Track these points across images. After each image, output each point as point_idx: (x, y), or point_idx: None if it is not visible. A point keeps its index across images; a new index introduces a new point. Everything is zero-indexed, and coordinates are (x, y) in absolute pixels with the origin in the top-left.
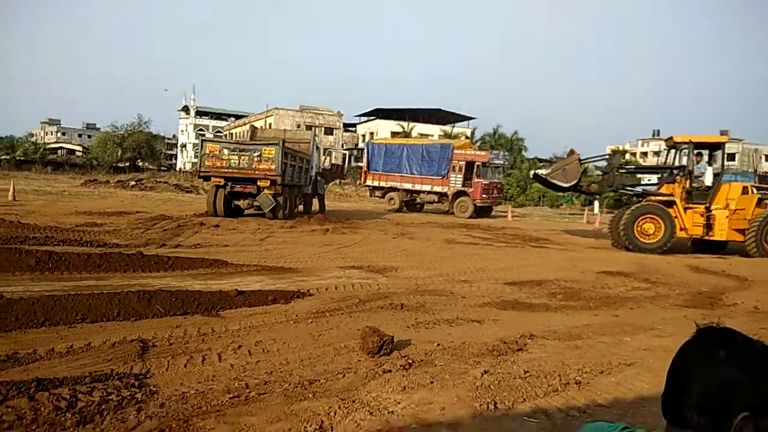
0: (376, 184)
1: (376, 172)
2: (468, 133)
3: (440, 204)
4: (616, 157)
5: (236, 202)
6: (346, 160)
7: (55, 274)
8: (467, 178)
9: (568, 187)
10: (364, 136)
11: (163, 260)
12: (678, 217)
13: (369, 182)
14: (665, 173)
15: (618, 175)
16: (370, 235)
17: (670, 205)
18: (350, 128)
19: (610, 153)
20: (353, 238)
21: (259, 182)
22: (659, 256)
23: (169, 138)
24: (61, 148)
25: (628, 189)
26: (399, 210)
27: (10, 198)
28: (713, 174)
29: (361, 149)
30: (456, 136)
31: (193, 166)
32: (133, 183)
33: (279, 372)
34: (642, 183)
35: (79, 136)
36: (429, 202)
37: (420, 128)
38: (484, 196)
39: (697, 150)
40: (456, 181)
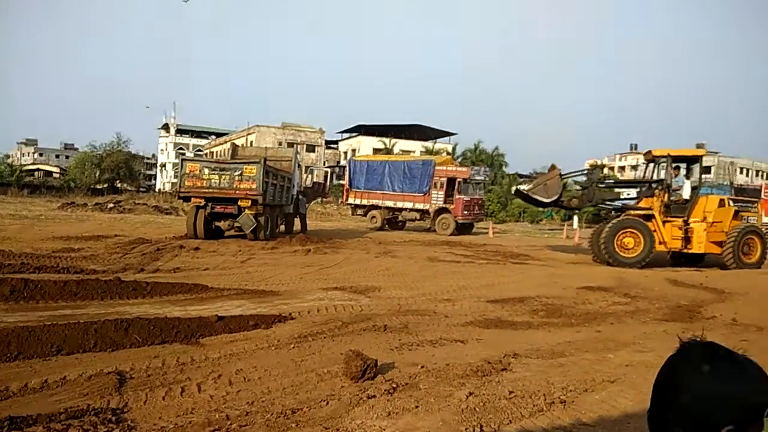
0: (358, 202)
1: (358, 189)
2: (449, 148)
3: (422, 221)
4: (596, 171)
5: (217, 224)
6: (328, 178)
7: (31, 304)
8: (449, 195)
9: (550, 203)
10: (346, 153)
11: (142, 286)
12: (657, 230)
13: (351, 200)
14: (644, 187)
15: (598, 190)
16: (352, 254)
17: (649, 218)
18: (332, 145)
19: (589, 167)
20: (335, 259)
21: (240, 202)
22: (638, 270)
23: (149, 157)
24: (38, 170)
25: (607, 203)
26: (381, 228)
27: None
28: (691, 187)
29: (343, 166)
30: (437, 152)
31: (173, 187)
32: (111, 205)
33: (260, 402)
34: (621, 197)
35: (57, 156)
36: (411, 220)
37: (402, 144)
38: (466, 212)
39: (675, 163)
40: (437, 198)
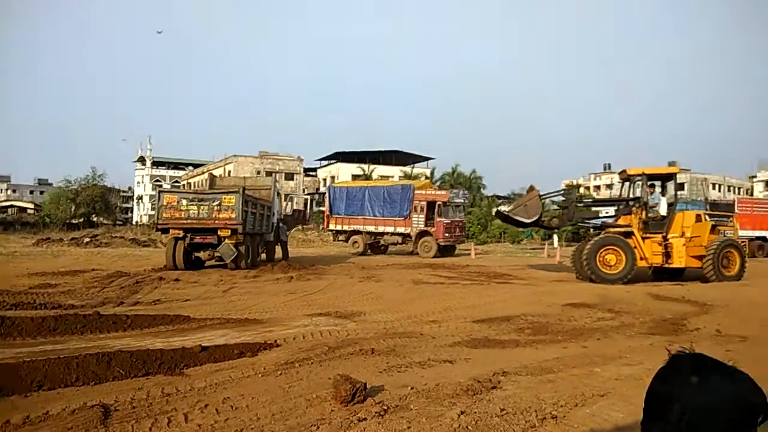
0: (340, 227)
1: (339, 215)
2: (427, 173)
3: (404, 245)
4: (573, 191)
5: (196, 254)
6: (308, 205)
7: (8, 341)
8: (429, 218)
9: (530, 223)
10: (325, 180)
11: (122, 319)
12: (637, 247)
13: (332, 226)
14: (621, 205)
15: (577, 209)
16: (335, 280)
17: (628, 235)
18: (311, 173)
19: (566, 188)
20: (319, 285)
21: (219, 232)
22: (620, 286)
23: (125, 190)
24: (12, 207)
25: (587, 222)
26: (363, 253)
27: None
28: (667, 204)
29: (323, 193)
30: (416, 177)
31: (150, 219)
32: (87, 239)
33: (250, 429)
34: (600, 215)
35: (31, 192)
36: (393, 244)
37: (380, 170)
38: (447, 234)
39: (650, 181)
40: (418, 222)
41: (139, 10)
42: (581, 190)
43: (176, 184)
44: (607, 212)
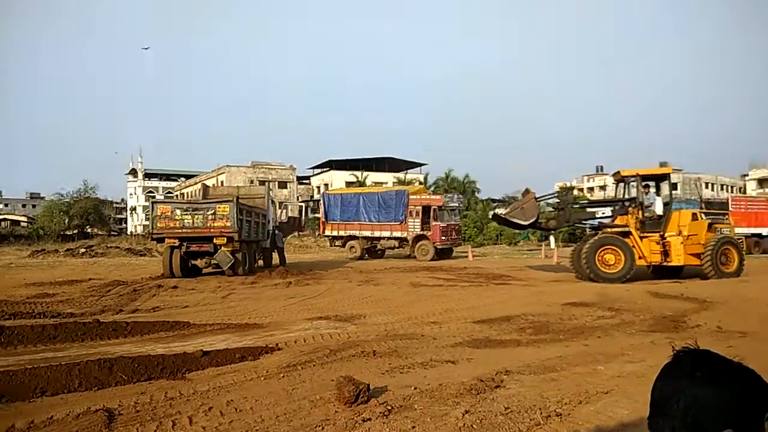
0: (336, 233)
1: (334, 221)
2: (421, 178)
3: (401, 249)
4: (569, 193)
5: (193, 262)
6: (303, 212)
7: (9, 349)
8: (425, 222)
9: (528, 225)
10: (318, 187)
11: (122, 326)
12: (635, 246)
13: (328, 232)
14: (617, 206)
15: (573, 211)
16: (334, 284)
17: (626, 235)
18: (304, 181)
19: (560, 190)
20: (317, 289)
21: (215, 240)
22: (619, 284)
23: (118, 202)
24: (5, 220)
25: (583, 222)
26: (361, 257)
27: None
28: (663, 203)
29: (317, 200)
30: (410, 182)
31: (145, 229)
32: (83, 250)
33: (255, 430)
34: (597, 216)
35: (23, 206)
36: (390, 248)
37: (374, 177)
38: (443, 238)
39: (644, 182)
40: (414, 226)
41: (135, 21)
42: (575, 192)
43: (169, 195)
44: (603, 213)
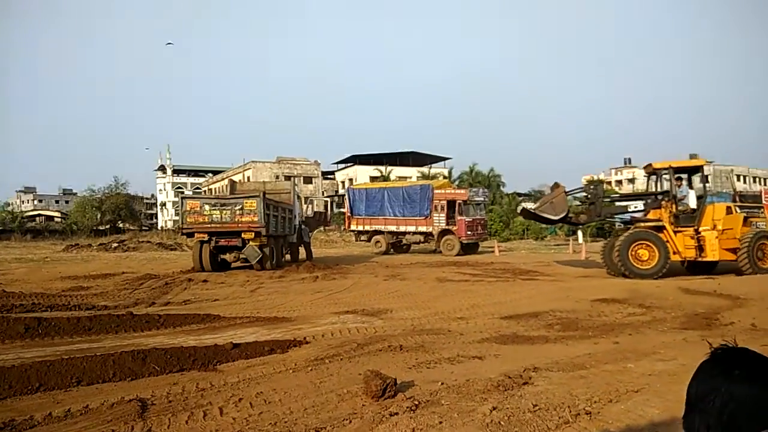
0: (361, 228)
1: (360, 216)
2: (445, 173)
3: (426, 243)
4: (600, 187)
5: (222, 256)
6: (328, 207)
7: (46, 340)
8: (450, 217)
9: (558, 219)
10: (343, 182)
11: (155, 319)
12: (669, 241)
13: (353, 227)
14: (650, 199)
15: (605, 204)
16: (360, 279)
17: (660, 230)
18: (329, 176)
19: (587, 183)
20: (344, 283)
21: (243, 235)
22: (650, 280)
23: (148, 198)
24: (40, 216)
25: (615, 217)
26: (386, 252)
27: None
28: (696, 196)
29: (342, 195)
30: (434, 177)
31: (175, 224)
32: (115, 245)
33: (283, 422)
34: (629, 210)
35: (57, 202)
36: (415, 243)
37: (398, 171)
38: (469, 233)
39: (676, 174)
40: (440, 220)
41: (156, 20)
42: (603, 186)
43: (198, 191)
44: (635, 207)
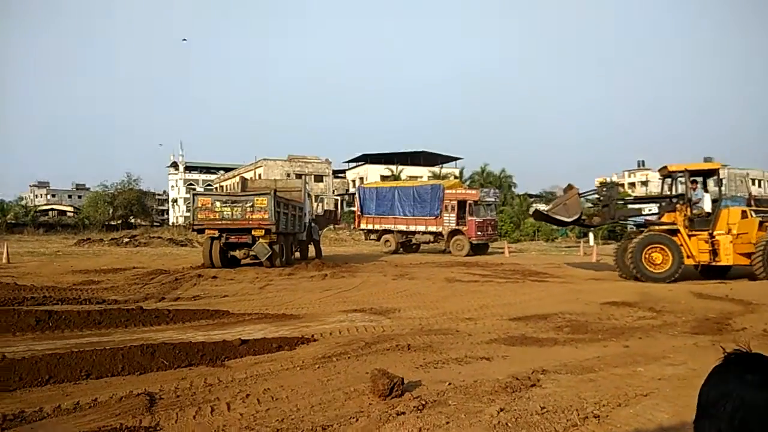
0: (371, 227)
1: (370, 215)
2: (456, 172)
3: (436, 244)
4: (615, 189)
5: (232, 253)
6: (339, 206)
7: (56, 333)
8: (460, 217)
9: (572, 221)
10: (354, 181)
11: (164, 314)
12: (683, 244)
13: (363, 226)
14: (664, 202)
15: (618, 207)
16: (369, 277)
17: (674, 233)
18: (339, 174)
19: (602, 185)
20: (353, 282)
21: (253, 232)
22: (661, 284)
23: (160, 194)
24: (52, 210)
25: (629, 219)
26: (395, 251)
27: (4, 261)
28: (711, 200)
29: (353, 194)
30: (445, 177)
31: (186, 220)
32: (126, 240)
33: (290, 419)
34: (643, 213)
35: (69, 197)
36: (425, 242)
37: (408, 171)
38: (479, 233)
39: (692, 177)
40: (450, 221)
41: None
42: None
43: (209, 187)
44: (649, 209)
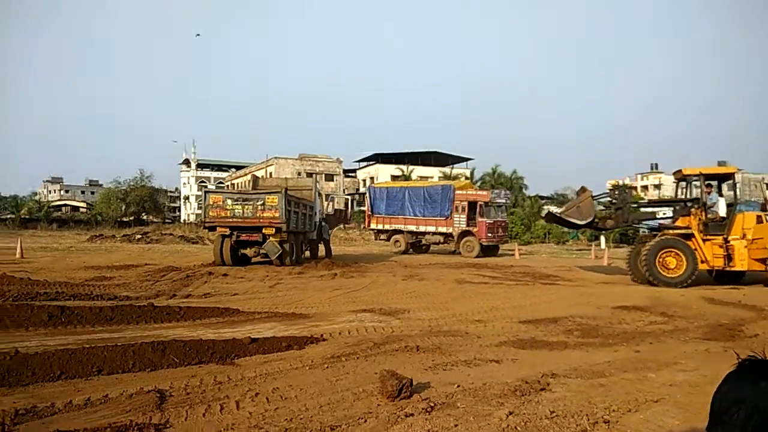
0: (381, 227)
1: (380, 215)
2: (467, 173)
3: (446, 244)
4: (629, 192)
5: (243, 251)
6: (349, 205)
7: (69, 328)
8: (471, 218)
9: (584, 224)
10: (364, 180)
11: (175, 311)
12: (698, 249)
13: (373, 225)
14: (678, 206)
15: (632, 210)
16: (378, 277)
17: (688, 237)
18: (350, 174)
19: (614, 187)
20: (362, 282)
21: (264, 230)
22: (673, 289)
23: (172, 191)
24: (66, 205)
25: (643, 223)
26: (405, 252)
27: (18, 256)
28: (726, 204)
29: (363, 194)
30: (456, 177)
31: (198, 218)
32: (138, 236)
33: (299, 419)
34: (657, 217)
35: (82, 192)
36: (435, 243)
37: (419, 171)
38: (490, 234)
39: (706, 181)
40: (460, 222)
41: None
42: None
43: (220, 185)
44: (664, 213)
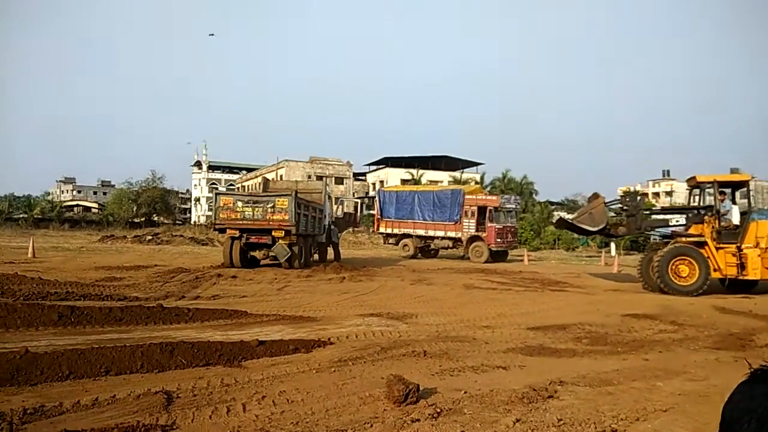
0: (390, 231)
1: (389, 219)
2: (477, 178)
3: (455, 249)
4: (642, 199)
5: (252, 253)
6: (358, 209)
7: (78, 328)
8: (480, 223)
9: (596, 231)
10: (374, 184)
11: (184, 312)
12: (711, 257)
13: (382, 229)
14: (691, 214)
15: (644, 217)
16: (387, 282)
17: (701, 245)
18: (360, 177)
19: (625, 194)
20: (370, 286)
21: (273, 233)
22: (683, 297)
23: (183, 192)
24: (78, 206)
25: (656, 230)
26: (414, 256)
27: (30, 255)
28: (740, 212)
29: (373, 197)
30: (466, 182)
31: (208, 219)
32: (149, 237)
33: (305, 422)
34: (670, 224)
35: (95, 193)
36: (444, 248)
37: (429, 175)
38: (499, 240)
39: (720, 189)
40: (469, 226)
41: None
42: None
43: (231, 187)
44: (677, 220)
